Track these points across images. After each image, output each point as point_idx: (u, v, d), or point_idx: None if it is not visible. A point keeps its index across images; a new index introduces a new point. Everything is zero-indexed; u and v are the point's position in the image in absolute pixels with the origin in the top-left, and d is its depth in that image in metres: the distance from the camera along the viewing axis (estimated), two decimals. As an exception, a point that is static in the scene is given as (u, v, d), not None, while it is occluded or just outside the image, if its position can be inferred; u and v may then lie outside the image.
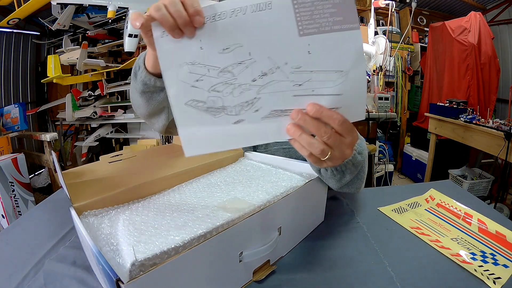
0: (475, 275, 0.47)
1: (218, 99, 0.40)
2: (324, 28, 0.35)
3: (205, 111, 0.40)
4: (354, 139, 0.40)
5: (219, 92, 0.39)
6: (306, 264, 0.51)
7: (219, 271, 0.41)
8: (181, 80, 0.39)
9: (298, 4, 0.35)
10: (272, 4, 0.35)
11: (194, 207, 0.48)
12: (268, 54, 0.37)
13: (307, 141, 0.38)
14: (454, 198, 0.72)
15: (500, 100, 2.87)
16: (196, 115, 0.40)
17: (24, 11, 2.23)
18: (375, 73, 2.97)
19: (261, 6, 0.36)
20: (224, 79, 0.39)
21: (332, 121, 0.37)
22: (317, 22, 0.35)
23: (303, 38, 0.36)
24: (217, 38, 0.37)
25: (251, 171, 0.64)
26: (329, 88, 0.37)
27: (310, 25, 0.35)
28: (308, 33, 0.36)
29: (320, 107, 0.37)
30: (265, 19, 0.36)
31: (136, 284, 0.30)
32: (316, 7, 0.34)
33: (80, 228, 0.39)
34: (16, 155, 1.74)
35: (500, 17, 3.06)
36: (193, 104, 0.40)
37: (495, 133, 1.83)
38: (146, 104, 0.58)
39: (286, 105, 0.39)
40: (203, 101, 0.40)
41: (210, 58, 0.38)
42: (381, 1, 2.88)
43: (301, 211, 0.55)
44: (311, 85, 0.38)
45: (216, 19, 0.37)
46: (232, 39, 0.37)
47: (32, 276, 0.48)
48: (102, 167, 0.65)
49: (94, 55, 2.75)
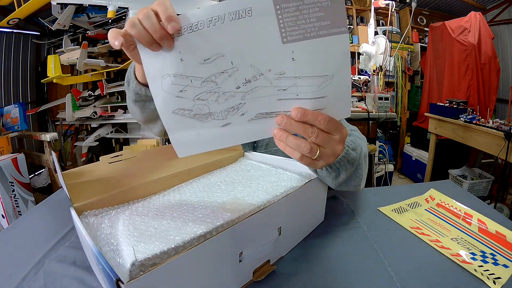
0: (475, 275, 0.47)
1: (204, 106, 0.40)
2: (309, 34, 0.32)
3: (192, 117, 0.41)
4: (343, 135, 0.41)
5: (204, 100, 0.39)
6: (306, 264, 0.51)
7: (219, 271, 0.41)
8: (165, 91, 0.39)
9: (282, 9, 0.31)
10: (252, 11, 0.32)
11: (194, 207, 0.48)
12: (250, 62, 0.36)
13: (294, 143, 0.39)
14: (454, 198, 0.72)
15: (500, 100, 2.87)
16: (184, 121, 0.41)
17: (24, 11, 2.23)
18: (375, 73, 2.97)
19: (241, 14, 0.33)
20: (207, 88, 0.39)
21: (318, 122, 0.38)
22: (302, 28, 0.32)
23: (287, 45, 0.33)
24: (197, 49, 0.36)
25: (251, 171, 0.64)
26: (313, 92, 0.37)
27: (294, 32, 0.33)
28: (292, 40, 0.33)
29: (305, 111, 0.37)
30: (245, 27, 0.33)
31: (136, 284, 0.30)
32: (302, 11, 0.31)
33: (80, 228, 0.39)
34: (16, 155, 1.74)
35: (500, 17, 3.06)
36: (180, 113, 0.41)
37: (495, 133, 1.83)
38: (140, 112, 0.59)
39: (271, 109, 0.39)
40: (189, 109, 0.40)
41: (191, 69, 0.37)
42: (381, 1, 2.88)
43: (301, 211, 0.55)
44: (296, 89, 0.37)
45: (194, 30, 0.35)
46: (212, 50, 0.36)
47: (32, 276, 0.48)
48: (102, 167, 0.65)
49: (94, 55, 2.75)
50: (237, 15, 0.33)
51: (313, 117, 0.37)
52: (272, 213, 0.47)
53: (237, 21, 0.33)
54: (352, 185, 0.57)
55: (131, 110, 0.62)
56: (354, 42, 3.21)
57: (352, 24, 3.33)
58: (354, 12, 3.34)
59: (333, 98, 0.37)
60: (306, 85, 0.36)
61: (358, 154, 0.53)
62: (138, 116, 0.61)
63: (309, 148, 0.38)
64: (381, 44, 2.97)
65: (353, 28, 3.30)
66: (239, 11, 0.32)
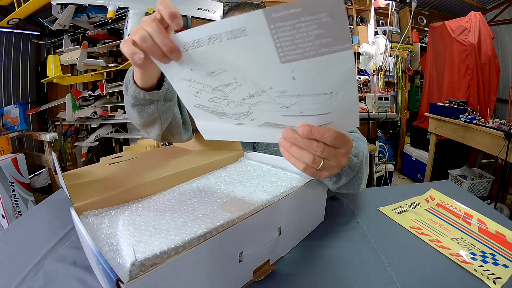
0: (475, 275, 0.47)
1: (218, 107, 0.42)
2: (309, 53, 0.30)
3: (210, 113, 0.44)
4: (349, 148, 0.40)
5: (217, 103, 0.42)
6: (306, 264, 0.51)
7: (219, 271, 0.41)
8: (184, 91, 0.43)
9: (277, 28, 0.29)
10: (247, 31, 0.31)
11: (194, 207, 0.48)
12: (251, 79, 0.35)
13: (297, 152, 0.39)
14: (454, 198, 0.72)
15: (500, 100, 2.87)
16: (205, 114, 0.45)
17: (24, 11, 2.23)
18: (375, 73, 2.97)
19: (236, 33, 0.31)
20: (218, 95, 0.40)
21: (324, 139, 0.37)
22: (301, 47, 0.30)
23: (286, 64, 0.32)
24: (202, 64, 0.37)
25: (251, 171, 0.64)
26: (318, 109, 0.36)
27: (292, 51, 0.30)
28: (290, 60, 0.31)
29: (311, 128, 0.37)
30: (243, 46, 0.32)
31: (136, 284, 0.30)
32: (299, 30, 0.29)
33: (80, 228, 0.39)
34: (16, 155, 1.74)
35: (500, 17, 3.06)
36: (200, 107, 0.45)
37: (495, 133, 1.83)
38: (138, 116, 0.60)
39: (276, 121, 0.39)
40: (206, 106, 0.43)
41: (201, 78, 0.39)
42: (381, 1, 2.88)
43: (301, 211, 0.55)
44: (299, 107, 0.36)
45: (196, 46, 0.35)
46: (215, 65, 0.36)
47: (32, 276, 0.48)
48: (102, 168, 0.65)
49: (94, 55, 2.75)
50: (233, 35, 0.32)
51: (319, 135, 0.37)
52: (272, 213, 0.47)
53: (234, 40, 0.32)
54: (352, 188, 0.57)
55: (129, 114, 0.62)
56: (354, 42, 3.21)
57: (352, 24, 3.33)
58: (354, 12, 3.34)
59: (340, 113, 0.36)
60: (310, 103, 0.35)
61: (360, 160, 0.53)
62: (136, 120, 0.62)
63: (312, 159, 0.38)
64: (381, 44, 2.97)
65: (353, 28, 3.30)
66: (234, 31, 0.31)
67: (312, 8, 0.27)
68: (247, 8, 0.82)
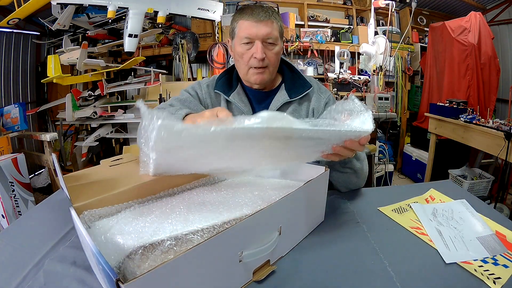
0: (475, 275, 0.47)
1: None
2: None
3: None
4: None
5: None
6: (306, 264, 0.51)
7: (219, 271, 0.41)
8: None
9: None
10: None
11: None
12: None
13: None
14: (454, 198, 0.72)
15: (500, 100, 2.87)
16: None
17: (24, 11, 2.23)
18: (375, 73, 2.97)
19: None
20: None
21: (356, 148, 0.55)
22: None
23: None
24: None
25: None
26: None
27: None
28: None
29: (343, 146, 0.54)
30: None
31: (136, 284, 0.30)
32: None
33: (80, 228, 0.39)
34: (16, 155, 1.74)
35: (500, 17, 3.06)
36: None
37: (495, 133, 1.83)
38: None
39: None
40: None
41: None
42: (381, 1, 2.87)
43: (301, 211, 0.55)
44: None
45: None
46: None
47: (32, 276, 0.48)
48: (103, 169, 0.65)
49: (94, 55, 2.75)
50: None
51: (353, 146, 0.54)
52: (272, 213, 0.47)
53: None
54: (341, 183, 0.70)
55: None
56: (354, 42, 3.21)
57: (352, 24, 3.33)
58: (354, 12, 3.34)
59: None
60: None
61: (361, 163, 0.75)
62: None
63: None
64: (381, 44, 2.97)
65: (353, 28, 3.30)
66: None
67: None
68: (259, 9, 0.78)
